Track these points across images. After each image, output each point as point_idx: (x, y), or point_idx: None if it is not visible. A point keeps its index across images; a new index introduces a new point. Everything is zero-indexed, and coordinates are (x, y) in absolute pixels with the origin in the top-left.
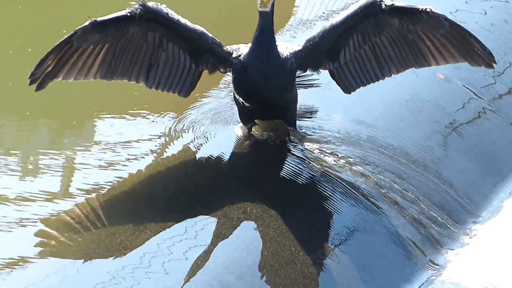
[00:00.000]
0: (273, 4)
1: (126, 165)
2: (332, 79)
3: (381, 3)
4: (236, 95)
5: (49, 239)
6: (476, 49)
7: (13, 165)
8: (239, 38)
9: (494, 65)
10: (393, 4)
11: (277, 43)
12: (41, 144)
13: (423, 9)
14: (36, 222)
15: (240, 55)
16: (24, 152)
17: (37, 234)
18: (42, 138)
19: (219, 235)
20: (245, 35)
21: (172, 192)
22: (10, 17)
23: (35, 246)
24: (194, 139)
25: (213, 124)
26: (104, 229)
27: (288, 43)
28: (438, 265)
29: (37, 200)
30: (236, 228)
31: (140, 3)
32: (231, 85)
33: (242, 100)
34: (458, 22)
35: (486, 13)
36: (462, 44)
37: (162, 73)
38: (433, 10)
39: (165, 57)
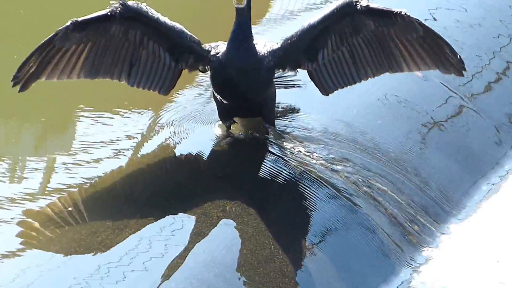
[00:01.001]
0: (249, 3)
1: (106, 164)
2: (308, 79)
3: (357, 4)
4: (214, 93)
5: (29, 237)
6: (447, 55)
7: None
8: (220, 35)
9: (464, 72)
10: (368, 6)
11: (255, 41)
12: (21, 143)
13: (398, 12)
14: (16, 220)
15: (218, 53)
16: (5, 151)
17: (17, 232)
18: (23, 137)
19: (199, 234)
20: (226, 32)
21: (152, 190)
22: None
23: (15, 243)
24: (174, 137)
25: (193, 122)
26: (85, 227)
27: (266, 40)
28: (417, 262)
29: (17, 198)
30: (215, 226)
31: (121, 2)
32: (210, 83)
33: (220, 98)
34: (431, 27)
35: (466, 11)
36: (433, 50)
37: (143, 71)
38: (407, 13)
39: (146, 55)
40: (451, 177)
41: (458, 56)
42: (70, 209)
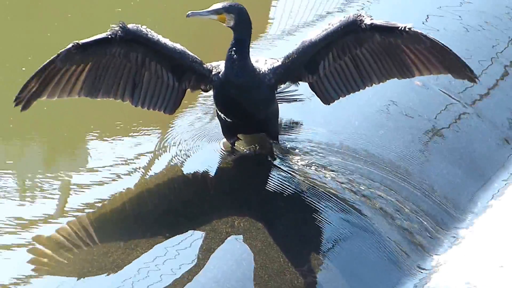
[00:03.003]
0: (239, 20)
1: (115, 184)
2: (311, 92)
3: (361, 22)
4: (218, 111)
5: (43, 259)
6: (459, 64)
7: (4, 186)
8: (223, 54)
9: (477, 80)
10: (372, 23)
11: (257, 58)
12: (31, 165)
13: (403, 27)
14: (29, 242)
15: (219, 72)
16: (15, 173)
17: (30, 255)
18: (32, 159)
19: (209, 250)
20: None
21: (161, 209)
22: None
23: (29, 266)
24: (180, 156)
25: (198, 141)
26: (97, 248)
27: (268, 57)
28: (425, 269)
29: (29, 220)
30: (224, 242)
31: (120, 25)
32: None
33: (223, 116)
34: (437, 40)
35: (461, 18)
36: (443, 59)
37: (147, 92)
38: (412, 28)
39: (148, 76)
40: (455, 183)
41: (468, 67)
42: (81, 230)
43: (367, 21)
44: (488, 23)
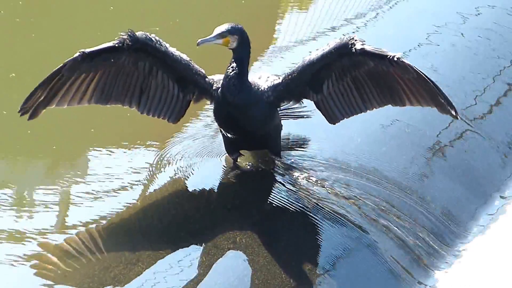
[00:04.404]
0: (241, 41)
1: (117, 198)
2: (315, 109)
3: (352, 46)
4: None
5: (43, 274)
6: (440, 99)
7: (6, 200)
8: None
9: (458, 117)
10: (363, 49)
11: (258, 75)
12: (32, 178)
13: (392, 57)
14: (29, 257)
15: (219, 87)
16: (17, 186)
17: (30, 269)
18: (35, 172)
19: (210, 266)
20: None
21: (163, 224)
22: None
23: (29, 281)
24: (182, 170)
25: (200, 155)
26: (98, 262)
27: (269, 74)
28: (426, 286)
29: (29, 234)
30: (226, 258)
31: (129, 33)
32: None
33: (224, 131)
34: (423, 72)
35: (463, 35)
36: (429, 91)
37: (153, 100)
38: (400, 58)
39: (155, 85)
40: (457, 200)
41: (449, 101)
42: (82, 244)
43: (358, 45)
44: (491, 40)
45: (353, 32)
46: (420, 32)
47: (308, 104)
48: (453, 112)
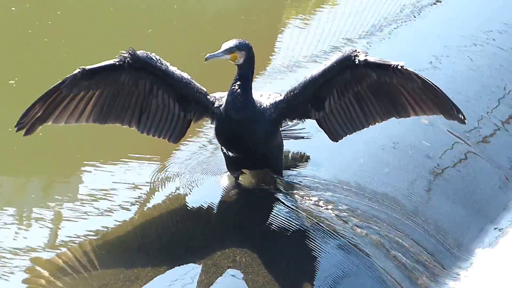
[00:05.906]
0: (248, 57)
1: (117, 215)
2: (317, 129)
3: (355, 58)
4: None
5: None
6: (448, 105)
7: (3, 216)
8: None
9: (465, 120)
10: (366, 60)
11: (260, 93)
12: (29, 193)
13: (395, 65)
14: (25, 272)
15: (221, 105)
16: (13, 201)
17: (27, 285)
18: (31, 187)
19: (210, 284)
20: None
21: (162, 241)
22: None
23: None
24: (183, 188)
25: (201, 173)
26: (96, 279)
27: (271, 92)
28: None
29: (26, 250)
30: (226, 277)
31: (130, 52)
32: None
33: (226, 150)
34: (428, 79)
35: (469, 58)
36: (435, 98)
37: (153, 119)
38: (404, 66)
39: (155, 104)
40: (459, 222)
41: (457, 107)
42: (80, 260)
43: (361, 57)
44: (495, 63)
45: None
46: (424, 54)
47: (308, 125)
48: (461, 116)
